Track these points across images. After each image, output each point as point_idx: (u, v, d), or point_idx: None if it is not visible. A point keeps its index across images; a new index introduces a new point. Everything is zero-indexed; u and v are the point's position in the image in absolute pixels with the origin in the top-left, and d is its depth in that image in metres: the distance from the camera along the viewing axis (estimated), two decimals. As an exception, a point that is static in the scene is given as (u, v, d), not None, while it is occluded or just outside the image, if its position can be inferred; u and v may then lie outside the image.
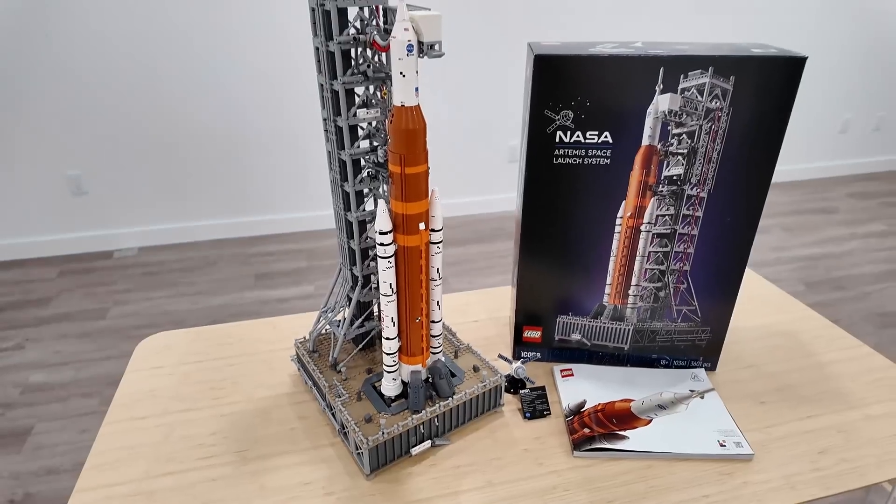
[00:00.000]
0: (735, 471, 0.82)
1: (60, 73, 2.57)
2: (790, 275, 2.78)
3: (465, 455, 0.84)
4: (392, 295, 0.76)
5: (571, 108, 0.80)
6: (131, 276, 2.75)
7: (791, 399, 0.95)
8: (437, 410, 0.83)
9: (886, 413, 0.92)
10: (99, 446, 0.86)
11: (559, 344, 1.01)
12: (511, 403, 0.94)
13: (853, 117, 3.85)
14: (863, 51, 3.61)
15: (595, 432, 0.86)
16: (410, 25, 0.63)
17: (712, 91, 0.78)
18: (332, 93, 0.75)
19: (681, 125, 0.80)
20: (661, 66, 0.77)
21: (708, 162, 0.82)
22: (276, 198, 3.10)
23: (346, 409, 0.82)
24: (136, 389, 0.97)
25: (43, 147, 2.70)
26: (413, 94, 0.66)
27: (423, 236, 0.73)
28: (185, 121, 2.80)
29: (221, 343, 1.09)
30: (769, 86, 0.77)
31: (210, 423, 0.90)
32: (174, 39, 2.63)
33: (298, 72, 2.81)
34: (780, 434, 0.88)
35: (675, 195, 0.85)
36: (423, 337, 0.82)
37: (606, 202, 0.87)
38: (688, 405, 0.92)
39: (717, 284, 0.92)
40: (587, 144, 0.82)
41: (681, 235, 0.88)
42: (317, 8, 0.72)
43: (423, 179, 0.70)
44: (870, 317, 2.46)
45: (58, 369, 2.13)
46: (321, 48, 0.74)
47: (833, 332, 1.11)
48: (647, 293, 0.93)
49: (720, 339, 0.98)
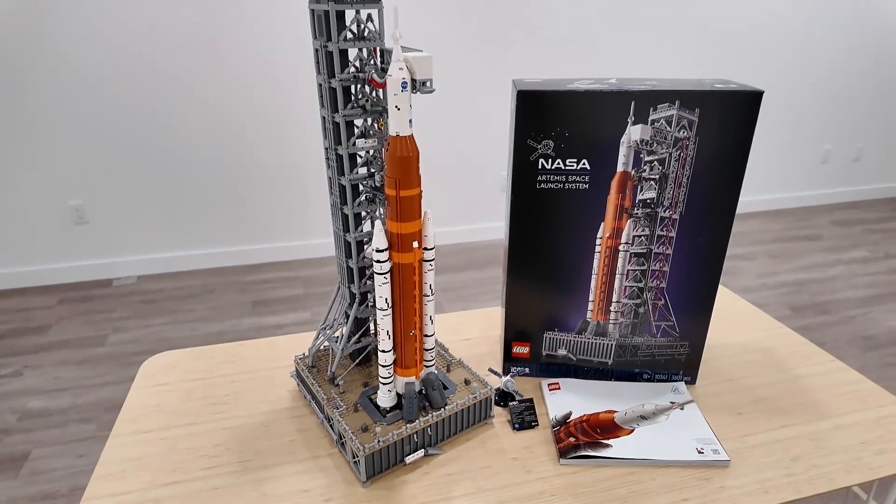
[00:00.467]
0: (713, 476, 0.86)
1: (65, 105, 2.67)
2: (776, 300, 2.85)
3: (457, 464, 0.88)
4: (388, 309, 0.82)
5: (552, 137, 0.88)
6: (130, 303, 2.79)
7: (766, 410, 1.00)
8: (430, 420, 0.87)
9: (856, 422, 0.97)
10: (106, 457, 0.90)
11: (546, 359, 1.06)
12: (501, 415, 0.98)
13: (833, 148, 3.98)
14: (841, 85, 3.77)
15: (580, 441, 0.90)
16: (404, 65, 0.71)
17: (679, 122, 0.86)
18: (334, 124, 0.83)
19: (652, 153, 0.88)
20: (632, 100, 0.85)
21: (678, 186, 0.90)
22: (273, 226, 3.17)
23: (344, 420, 0.87)
24: (142, 405, 1.02)
25: (48, 177, 2.77)
26: (407, 126, 0.73)
27: (416, 254, 0.80)
28: (185, 152, 2.89)
29: (223, 361, 1.14)
30: (731, 117, 0.85)
31: (213, 436, 0.94)
32: (176, 73, 2.73)
33: (296, 103, 2.92)
34: (755, 442, 0.93)
35: (650, 217, 0.92)
36: (417, 350, 0.87)
37: (586, 224, 0.93)
38: (668, 416, 0.97)
39: (693, 301, 0.99)
40: (567, 171, 0.90)
41: (656, 255, 0.95)
42: (320, 49, 0.80)
43: (416, 201, 0.76)
44: (854, 340, 2.52)
45: (56, 395, 2.15)
46: (324, 84, 0.81)
47: (807, 348, 1.17)
48: (627, 309, 0.99)
49: (698, 353, 1.03)
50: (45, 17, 2.50)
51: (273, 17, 2.73)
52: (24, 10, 2.48)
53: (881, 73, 3.82)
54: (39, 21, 2.51)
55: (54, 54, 2.57)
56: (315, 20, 0.79)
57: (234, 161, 2.97)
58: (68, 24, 2.53)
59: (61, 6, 2.50)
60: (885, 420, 0.97)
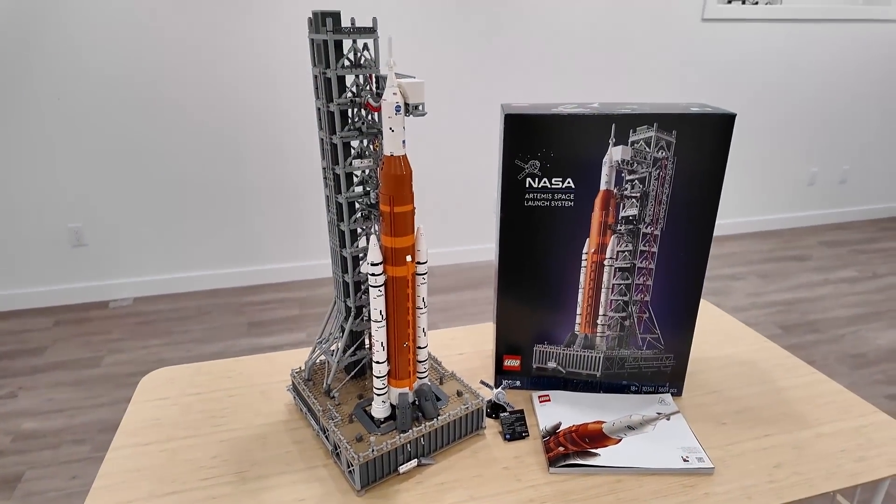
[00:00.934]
0: (697, 483, 0.89)
1: (67, 130, 2.72)
2: (766, 319, 2.89)
3: (449, 473, 0.91)
4: (382, 321, 0.85)
5: (538, 157, 0.93)
6: (126, 325, 2.80)
7: (749, 420, 1.03)
8: (423, 430, 0.90)
9: (836, 431, 1.00)
10: (105, 469, 0.91)
11: (537, 372, 1.09)
12: (492, 427, 1.01)
13: (819, 171, 4.08)
14: (826, 109, 3.88)
15: (569, 450, 0.93)
16: (399, 90, 0.76)
17: (658, 143, 0.91)
18: (332, 146, 0.87)
19: (633, 172, 0.93)
20: (613, 123, 0.90)
21: (659, 203, 0.94)
22: (269, 248, 3.20)
23: (339, 430, 0.89)
24: (141, 418, 1.04)
25: (48, 200, 2.81)
26: (401, 146, 0.77)
27: (409, 268, 0.84)
28: (183, 175, 2.94)
29: (221, 376, 1.16)
30: (706, 137, 0.91)
31: (211, 448, 0.96)
32: (175, 98, 2.80)
33: (292, 128, 2.98)
34: (738, 451, 0.95)
35: (632, 233, 0.97)
36: (411, 361, 0.91)
37: (572, 240, 0.98)
38: (655, 426, 1.00)
39: (677, 314, 1.02)
40: (553, 189, 0.94)
41: (640, 269, 0.99)
42: (319, 75, 0.85)
43: (409, 217, 0.81)
44: (844, 358, 2.55)
45: (50, 417, 2.14)
46: (323, 108, 0.86)
47: (790, 361, 1.21)
48: (613, 322, 1.03)
49: (683, 365, 1.07)
50: (46, 41, 2.57)
51: (271, 45, 2.81)
52: (26, 35, 2.55)
53: (864, 98, 3.94)
54: (40, 45, 2.58)
55: (57, 79, 2.63)
56: (315, 49, 0.85)
57: (230, 184, 3.02)
58: (69, 48, 2.61)
59: (62, 33, 2.58)
60: (864, 429, 1.00)
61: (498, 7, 3.04)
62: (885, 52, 3.85)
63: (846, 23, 3.67)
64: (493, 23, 3.06)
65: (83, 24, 2.58)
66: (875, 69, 3.87)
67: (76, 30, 2.58)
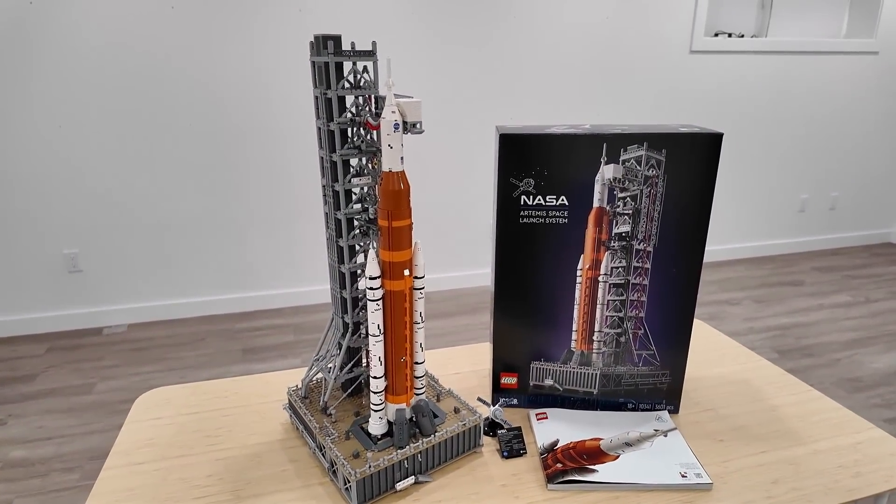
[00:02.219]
0: (696, 499, 0.88)
1: (65, 159, 2.75)
2: (762, 343, 2.89)
3: (446, 491, 0.90)
4: (380, 335, 0.86)
5: (532, 176, 0.95)
6: (119, 351, 2.78)
7: (746, 437, 1.03)
8: (420, 447, 0.90)
9: (832, 448, 1.00)
10: (99, 489, 0.90)
11: (534, 390, 1.09)
12: (489, 445, 1.00)
13: (810, 197, 4.15)
14: (814, 137, 3.97)
15: (567, 467, 0.93)
16: (397, 109, 0.78)
17: (648, 161, 0.94)
18: (331, 163, 0.89)
19: (624, 190, 0.95)
20: (604, 142, 0.93)
21: (651, 220, 0.97)
22: (264, 275, 3.20)
23: (336, 447, 0.89)
24: (135, 438, 1.03)
25: (45, 227, 2.82)
26: (399, 162, 0.80)
27: (407, 282, 0.85)
28: (177, 202, 2.96)
29: (217, 396, 1.16)
30: (695, 156, 0.93)
31: (206, 467, 0.95)
32: (172, 126, 2.84)
33: (287, 155, 3.03)
34: (736, 467, 0.95)
35: (626, 249, 0.98)
36: (408, 377, 0.91)
37: (567, 256, 0.99)
38: (652, 443, 0.99)
39: (671, 329, 1.03)
40: (547, 206, 0.97)
41: (634, 285, 1.01)
42: (320, 96, 0.87)
43: (406, 232, 0.82)
44: (841, 382, 2.55)
45: (40, 444, 2.11)
46: (323, 128, 0.89)
47: (784, 378, 1.21)
48: (609, 339, 1.04)
49: (679, 381, 1.07)
50: (46, 68, 2.63)
51: (268, 72, 2.88)
52: (27, 60, 2.60)
53: (850, 127, 4.04)
54: (41, 71, 2.63)
55: (57, 106, 2.68)
56: (316, 70, 0.88)
57: (225, 211, 3.04)
58: (69, 74, 2.66)
59: (62, 58, 2.63)
60: (860, 445, 1.00)
61: (494, 38, 3.13)
62: (869, 84, 3.96)
63: (829, 55, 3.79)
64: (488, 53, 3.15)
65: (83, 51, 2.64)
66: (859, 99, 3.98)
67: (76, 56, 2.64)
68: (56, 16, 2.57)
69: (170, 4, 2.67)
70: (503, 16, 3.11)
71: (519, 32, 3.17)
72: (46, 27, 2.57)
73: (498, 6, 3.10)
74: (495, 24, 3.12)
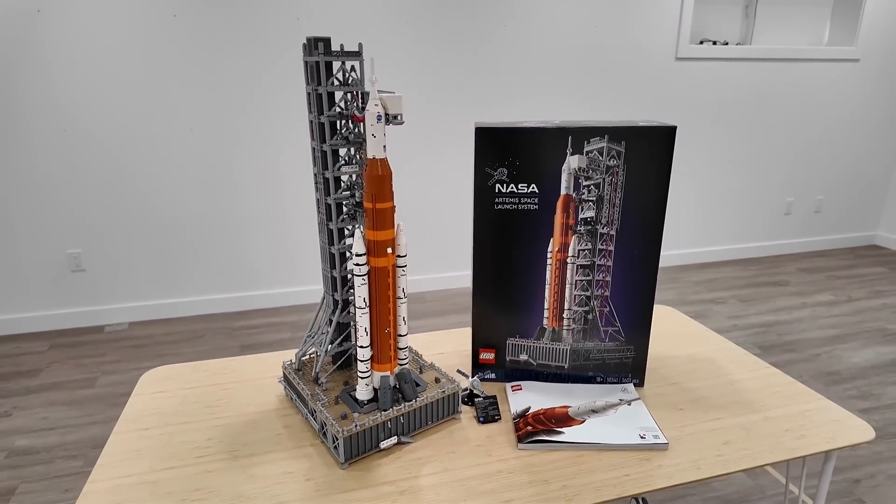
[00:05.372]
0: (652, 457, 0.97)
1: (70, 160, 2.85)
2: (746, 339, 2.98)
3: (426, 450, 0.99)
4: (365, 308, 0.95)
5: (506, 166, 1.05)
6: (120, 348, 2.86)
7: (704, 406, 1.12)
8: (402, 409, 0.98)
9: (783, 415, 1.09)
10: (108, 450, 0.99)
11: (510, 364, 1.18)
12: (468, 413, 1.09)
13: (795, 200, 4.25)
14: (798, 142, 4.09)
15: (536, 429, 1.01)
16: (380, 102, 0.88)
17: (609, 152, 1.03)
18: (322, 153, 0.99)
19: (588, 178, 1.05)
20: (570, 135, 1.02)
21: (613, 206, 1.06)
22: (261, 274, 3.29)
23: (326, 410, 0.98)
24: (141, 408, 1.11)
25: (49, 227, 2.91)
26: (382, 150, 0.89)
27: (390, 259, 0.94)
28: (179, 204, 3.05)
29: (216, 373, 1.25)
30: (652, 147, 1.03)
31: (206, 432, 1.04)
32: (173, 130, 2.94)
33: (283, 158, 3.12)
34: (691, 431, 1.04)
35: (591, 233, 1.08)
36: (392, 347, 1.00)
37: (538, 239, 1.09)
38: (616, 410, 1.08)
39: (635, 307, 1.13)
40: (519, 194, 1.06)
41: (599, 266, 1.10)
42: (312, 92, 0.97)
43: (389, 213, 0.92)
44: (819, 375, 2.64)
45: (44, 434, 2.18)
46: (314, 121, 0.98)
47: (745, 358, 1.30)
48: (577, 316, 1.13)
49: (643, 356, 1.16)
50: (51, 72, 2.73)
51: (267, 77, 2.98)
52: (31, 64, 2.71)
53: (834, 132, 4.16)
54: (46, 76, 2.73)
55: (61, 110, 2.78)
56: (308, 69, 0.97)
57: (224, 212, 3.13)
58: (74, 79, 2.76)
59: (67, 63, 2.73)
60: (808, 412, 1.09)
61: (483, 46, 3.25)
62: (851, 90, 4.08)
63: (812, 62, 3.92)
64: (477, 60, 3.26)
65: (87, 57, 2.74)
66: (842, 105, 4.10)
67: (80, 61, 2.74)
68: (62, 23, 2.67)
69: (172, 13, 2.78)
70: (493, 24, 3.23)
71: (507, 40, 3.28)
72: (53, 34, 2.67)
73: (488, 15, 3.21)
74: (485, 32, 3.23)
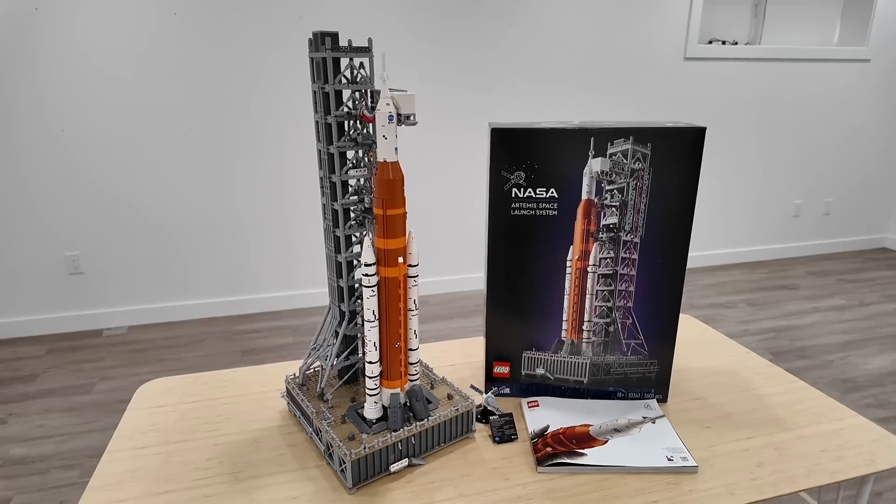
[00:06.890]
0: (681, 481, 0.91)
1: (69, 162, 2.79)
2: (757, 345, 2.92)
3: (439, 473, 0.92)
4: (375, 321, 0.89)
5: (523, 169, 0.99)
6: (119, 352, 2.80)
7: (732, 424, 1.06)
8: (413, 430, 0.92)
9: (815, 434, 1.03)
10: (101, 471, 0.93)
11: (526, 378, 1.12)
12: (482, 431, 1.03)
13: (804, 203, 4.19)
14: (807, 143, 4.02)
15: (556, 451, 0.95)
16: (391, 101, 0.82)
17: (634, 155, 0.97)
18: (329, 155, 0.93)
19: (612, 182, 0.99)
20: (592, 136, 0.96)
21: (637, 212, 1.00)
22: (262, 277, 3.23)
23: (332, 430, 0.92)
24: (138, 424, 1.05)
25: (47, 229, 2.85)
26: (393, 153, 0.83)
27: (401, 269, 0.88)
28: (178, 206, 2.99)
29: (217, 386, 1.19)
30: (679, 149, 0.97)
31: (205, 451, 0.98)
32: (172, 133, 2.89)
33: (285, 161, 3.06)
34: (722, 452, 0.98)
35: (614, 241, 1.02)
36: (402, 362, 0.94)
37: (557, 247, 1.03)
38: (640, 429, 1.02)
39: (659, 319, 1.06)
40: (537, 199, 1.00)
41: (622, 275, 1.04)
42: (318, 90, 0.91)
43: (400, 220, 0.86)
44: (834, 383, 2.57)
45: (40, 442, 2.12)
46: (321, 121, 0.92)
47: (770, 370, 1.24)
48: (598, 328, 1.07)
49: (667, 370, 1.10)
50: (51, 72, 2.67)
51: (269, 77, 2.92)
52: (30, 65, 2.65)
53: (843, 133, 4.09)
54: (44, 76, 2.67)
55: (59, 110, 2.72)
56: (314, 66, 0.91)
57: (225, 215, 3.07)
58: (72, 80, 2.70)
59: (65, 64, 2.68)
60: (842, 431, 1.03)
61: (492, 45, 3.19)
62: (861, 90, 4.02)
63: (822, 62, 3.85)
64: (486, 60, 3.20)
65: (85, 56, 2.68)
66: (852, 106, 4.04)
67: (78, 61, 2.68)
68: (60, 22, 2.61)
69: (172, 11, 2.72)
70: (501, 24, 3.17)
71: (516, 40, 3.22)
72: (50, 33, 2.61)
73: (496, 15, 3.15)
74: (493, 32, 3.17)
